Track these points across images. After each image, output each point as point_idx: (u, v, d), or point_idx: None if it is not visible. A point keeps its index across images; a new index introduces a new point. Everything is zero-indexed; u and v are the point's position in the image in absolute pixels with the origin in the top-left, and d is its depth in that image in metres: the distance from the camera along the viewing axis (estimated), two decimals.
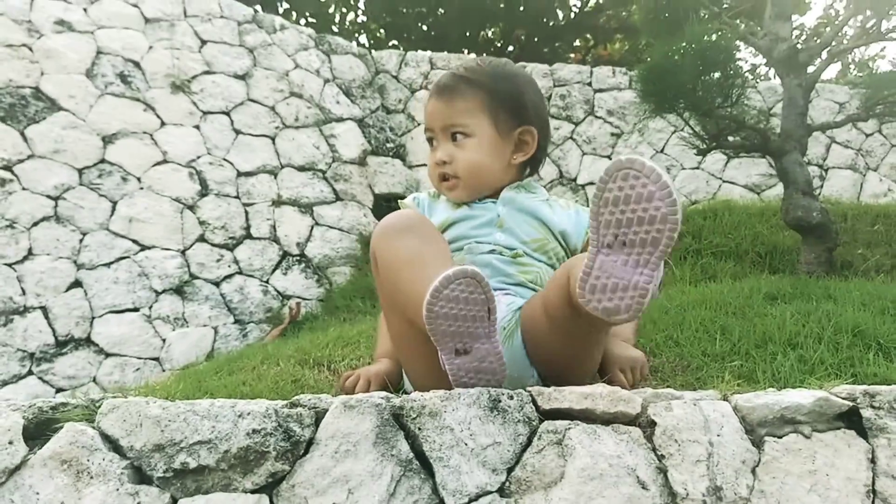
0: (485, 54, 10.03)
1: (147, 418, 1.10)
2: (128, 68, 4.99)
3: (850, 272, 3.30)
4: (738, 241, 3.90)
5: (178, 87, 5.04)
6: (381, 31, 10.65)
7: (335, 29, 10.19)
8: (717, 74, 3.00)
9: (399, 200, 1.72)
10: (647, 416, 1.16)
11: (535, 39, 10.25)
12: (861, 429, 1.16)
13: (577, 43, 11.04)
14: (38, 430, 1.10)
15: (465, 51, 10.16)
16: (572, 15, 10.39)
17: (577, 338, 1.26)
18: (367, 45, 10.52)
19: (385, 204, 5.53)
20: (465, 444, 1.10)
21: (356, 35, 10.71)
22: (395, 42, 10.38)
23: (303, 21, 9.72)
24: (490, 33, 10.87)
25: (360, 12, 10.54)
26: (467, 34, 10.39)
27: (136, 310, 4.28)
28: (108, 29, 5.07)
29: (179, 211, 4.64)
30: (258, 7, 8.91)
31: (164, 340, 4.27)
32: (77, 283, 4.25)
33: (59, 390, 4.00)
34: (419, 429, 1.12)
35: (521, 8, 9.87)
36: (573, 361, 1.36)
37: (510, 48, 10.41)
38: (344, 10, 10.43)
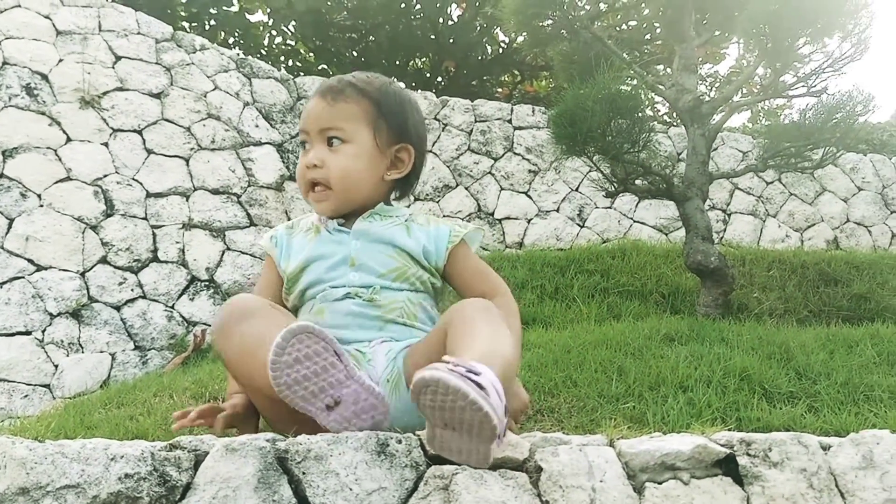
0: (414, 83, 10.15)
1: (12, 459, 1.04)
2: (35, 80, 4.79)
3: (745, 315, 3.46)
4: (643, 280, 4.03)
5: (88, 102, 4.86)
6: (311, 54, 10.60)
7: (263, 49, 10.07)
8: (625, 121, 3.11)
9: (260, 243, 1.68)
10: (535, 461, 1.16)
11: (464, 72, 10.41)
12: (737, 476, 1.20)
13: (505, 78, 11.28)
14: None
15: (395, 79, 10.19)
16: (500, 50, 10.62)
17: None
18: (295, 67, 10.44)
19: None
20: (350, 490, 1.08)
21: (284, 58, 10.62)
22: (325, 66, 10.34)
23: (231, 40, 9.58)
24: (420, 63, 10.98)
25: (289, 35, 10.46)
26: (397, 62, 10.46)
27: (27, 333, 4.05)
28: (16, 39, 4.86)
29: (81, 231, 4.45)
30: (185, 24, 8.74)
31: (56, 366, 4.05)
32: None
33: None
34: (304, 473, 1.09)
35: (451, 40, 10.02)
36: None
37: (439, 79, 10.54)
38: (273, 32, 10.34)
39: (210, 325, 4.54)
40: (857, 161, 7.04)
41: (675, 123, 8.06)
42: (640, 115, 3.16)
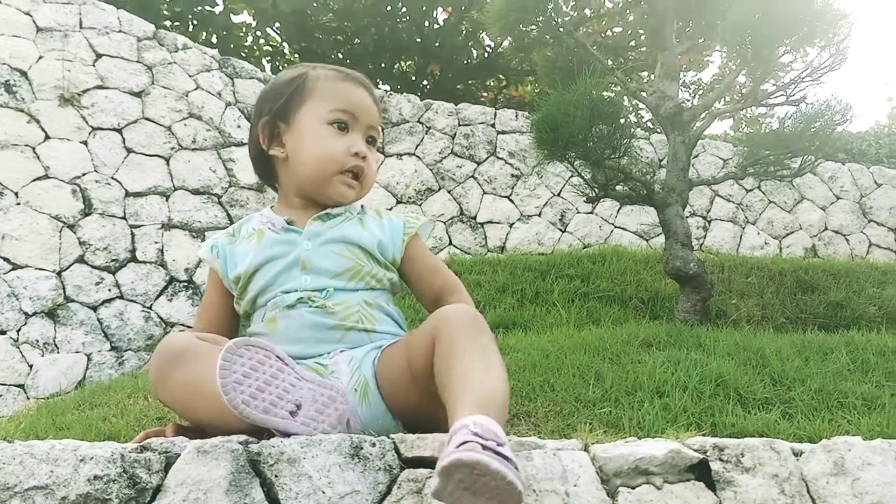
0: (399, 86, 10.14)
1: None
2: (14, 77, 4.73)
3: (723, 321, 3.48)
4: (623, 286, 4.05)
5: (68, 100, 4.81)
6: (296, 55, 10.56)
7: (245, 49, 10.03)
8: (606, 127, 3.13)
9: (199, 254, 1.59)
10: None
11: (450, 75, 10.42)
12: (710, 481, 1.21)
13: (490, 82, 11.31)
14: None
15: (380, 81, 10.21)
16: (486, 54, 10.65)
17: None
18: (279, 68, 10.39)
19: None
20: (323, 493, 1.08)
21: (269, 59, 10.58)
22: None
23: (214, 39, 9.52)
24: (405, 66, 10.98)
25: (272, 38, 10.42)
26: (382, 65, 10.45)
27: (2, 332, 4.00)
28: None
29: (58, 229, 4.40)
30: (167, 23, 8.68)
31: (31, 366, 4.00)
32: None
33: None
34: (276, 476, 1.08)
35: (437, 44, 10.03)
36: (438, 413, 1.34)
37: (424, 82, 10.55)
38: (258, 33, 10.30)
39: (188, 326, 4.51)
40: (836, 170, 7.13)
41: (657, 130, 8.12)
42: (621, 121, 3.18)
